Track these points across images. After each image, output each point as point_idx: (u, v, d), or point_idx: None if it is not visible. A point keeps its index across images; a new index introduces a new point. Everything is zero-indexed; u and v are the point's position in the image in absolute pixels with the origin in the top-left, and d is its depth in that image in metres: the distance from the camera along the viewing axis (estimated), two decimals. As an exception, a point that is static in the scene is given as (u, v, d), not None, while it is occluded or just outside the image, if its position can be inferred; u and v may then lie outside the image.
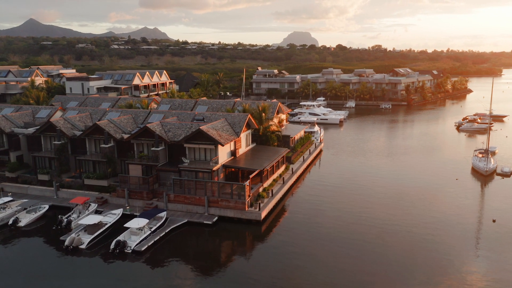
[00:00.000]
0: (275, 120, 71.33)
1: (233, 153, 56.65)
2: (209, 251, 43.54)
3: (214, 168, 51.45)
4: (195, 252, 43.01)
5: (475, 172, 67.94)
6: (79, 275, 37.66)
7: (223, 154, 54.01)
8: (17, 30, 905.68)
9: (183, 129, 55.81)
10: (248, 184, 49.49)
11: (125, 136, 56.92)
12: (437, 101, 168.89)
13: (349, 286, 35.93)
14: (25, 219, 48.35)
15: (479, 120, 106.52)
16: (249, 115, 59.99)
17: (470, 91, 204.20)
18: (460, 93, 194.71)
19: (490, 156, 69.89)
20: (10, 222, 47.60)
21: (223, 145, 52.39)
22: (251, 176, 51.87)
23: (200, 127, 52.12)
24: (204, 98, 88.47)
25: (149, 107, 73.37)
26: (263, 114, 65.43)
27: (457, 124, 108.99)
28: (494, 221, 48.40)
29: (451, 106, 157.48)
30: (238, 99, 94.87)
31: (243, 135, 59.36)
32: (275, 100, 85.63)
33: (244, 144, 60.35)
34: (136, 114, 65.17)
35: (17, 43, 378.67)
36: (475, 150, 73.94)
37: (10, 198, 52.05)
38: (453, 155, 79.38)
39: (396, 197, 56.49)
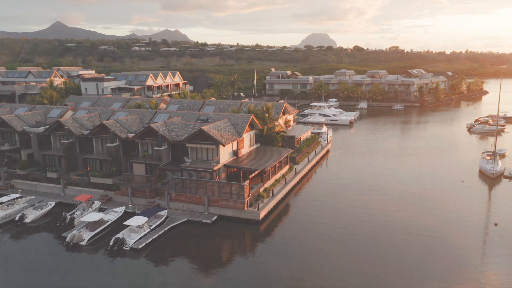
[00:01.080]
0: (281, 121, 71.69)
1: (235, 153, 57.33)
2: (207, 250, 44.10)
3: (215, 168, 52.23)
4: (193, 250, 43.75)
5: (483, 174, 67.17)
6: (78, 270, 38.80)
7: (224, 154, 54.76)
8: (44, 33, 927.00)
9: (186, 129, 56.79)
10: (247, 184, 50.11)
11: (130, 135, 58.20)
12: (451, 103, 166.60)
13: (346, 285, 36.27)
14: (31, 216, 49.92)
15: (491, 122, 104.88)
16: (252, 116, 60.54)
17: (486, 92, 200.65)
18: (476, 95, 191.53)
19: (498, 158, 69.06)
20: (17, 218, 49.23)
21: (224, 145, 53.10)
22: (250, 176, 52.50)
23: (202, 127, 52.91)
24: (213, 98, 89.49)
25: (158, 107, 74.65)
26: (267, 114, 65.92)
27: (468, 126, 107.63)
28: (496, 224, 47.95)
29: (465, 108, 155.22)
30: (246, 99, 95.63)
31: (246, 135, 60.01)
32: (282, 101, 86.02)
33: (247, 144, 60.97)
34: (143, 114, 66.45)
35: (43, 45, 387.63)
36: (483, 152, 73.10)
37: (18, 195, 53.85)
38: (462, 157, 78.57)
39: (399, 199, 56.37)
